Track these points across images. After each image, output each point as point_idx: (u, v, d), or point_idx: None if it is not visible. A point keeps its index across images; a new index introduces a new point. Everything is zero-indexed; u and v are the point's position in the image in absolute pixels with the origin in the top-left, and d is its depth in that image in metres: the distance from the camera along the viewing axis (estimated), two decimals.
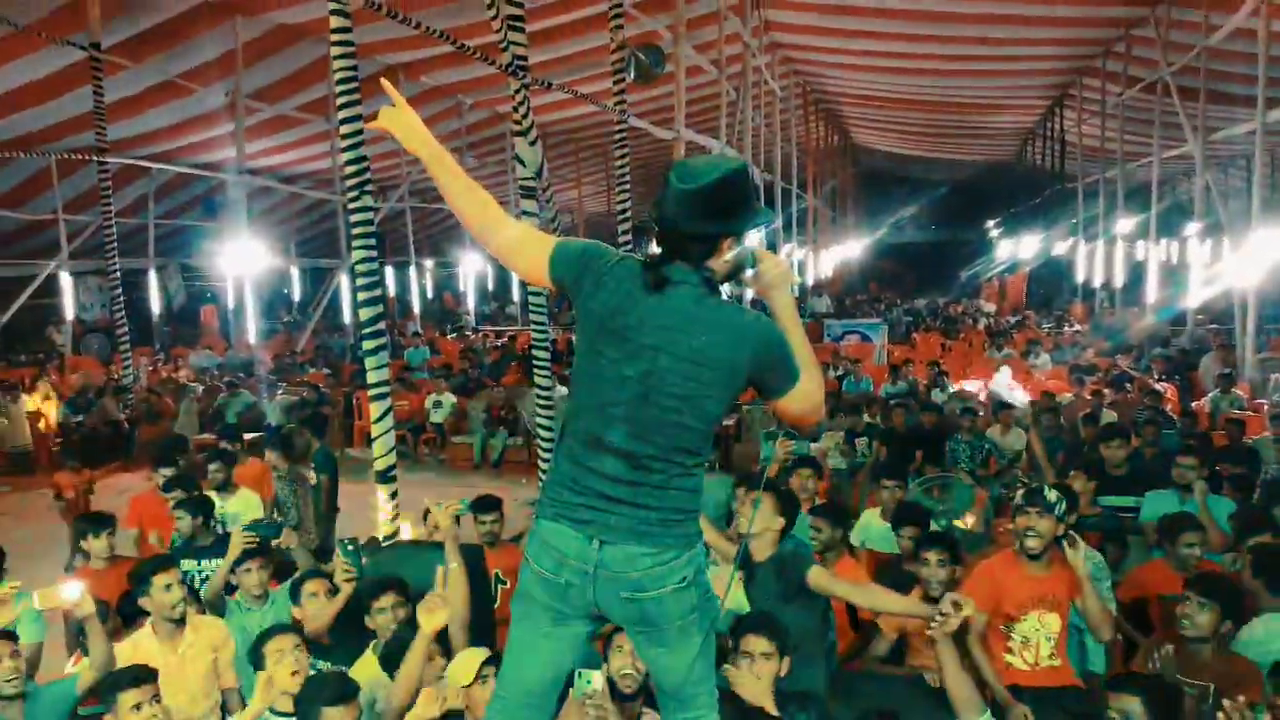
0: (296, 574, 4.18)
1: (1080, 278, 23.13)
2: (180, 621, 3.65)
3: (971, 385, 11.86)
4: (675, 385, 1.91)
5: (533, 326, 6.97)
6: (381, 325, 4.96)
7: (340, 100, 4.81)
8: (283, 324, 20.50)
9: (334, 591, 3.84)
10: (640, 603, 1.94)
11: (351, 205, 4.92)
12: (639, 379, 1.91)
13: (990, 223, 33.58)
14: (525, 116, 6.69)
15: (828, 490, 6.51)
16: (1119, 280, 20.32)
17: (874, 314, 21.01)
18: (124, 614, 3.97)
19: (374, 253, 4.95)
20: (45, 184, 14.95)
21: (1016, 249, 28.22)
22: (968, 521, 5.07)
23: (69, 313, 17.85)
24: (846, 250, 32.79)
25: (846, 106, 24.84)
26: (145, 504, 5.73)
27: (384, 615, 3.61)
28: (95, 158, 11.17)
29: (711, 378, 1.93)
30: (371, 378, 4.91)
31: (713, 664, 2.18)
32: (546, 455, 6.78)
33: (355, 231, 4.95)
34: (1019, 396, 10.44)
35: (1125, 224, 18.98)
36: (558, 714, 2.18)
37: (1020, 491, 3.71)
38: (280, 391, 12.13)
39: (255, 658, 3.29)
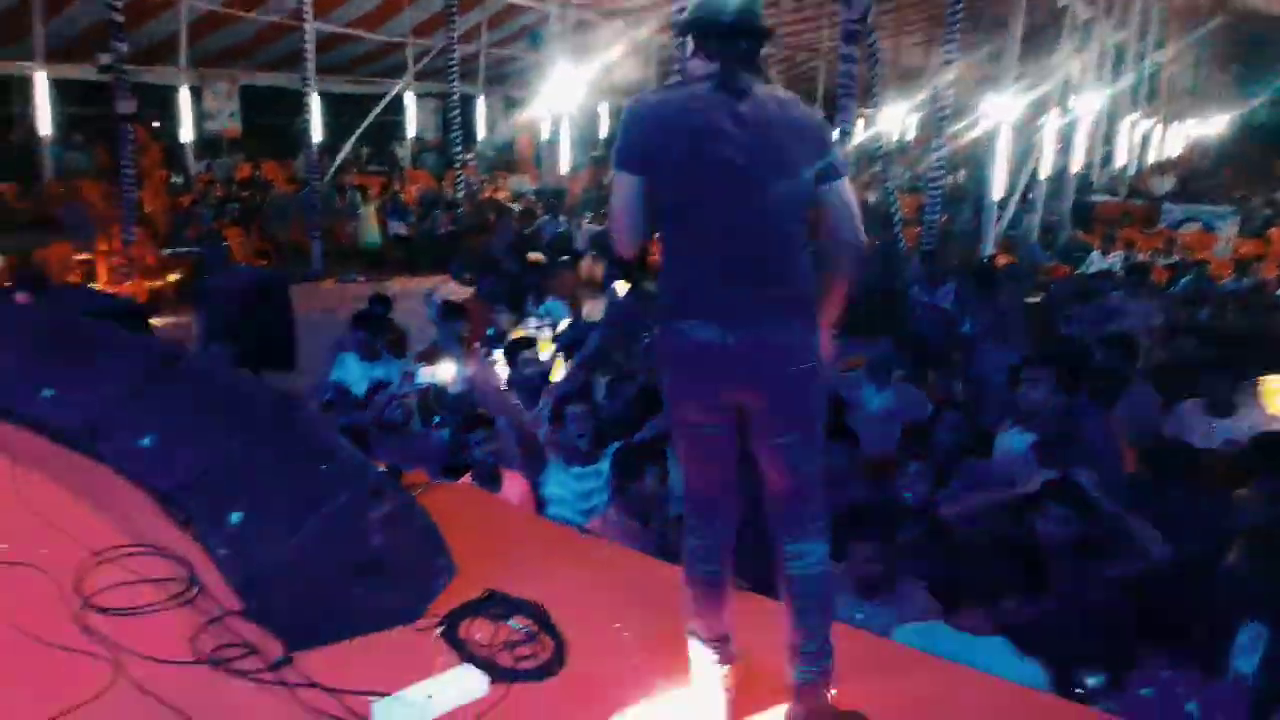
0: None
1: None
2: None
3: None
4: (775, 166, 1.99)
5: None
6: None
7: None
8: (592, 159, 21.43)
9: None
10: (783, 380, 2.01)
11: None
12: (743, 172, 1.98)
13: None
14: None
15: None
16: None
17: (1225, 201, 18.35)
18: None
19: None
20: (396, 7, 16.25)
21: None
22: None
23: (410, 130, 19.74)
24: (1206, 126, 28.51)
25: None
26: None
27: None
28: None
29: (802, 151, 2.02)
30: None
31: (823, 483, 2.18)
32: None
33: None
34: None
35: None
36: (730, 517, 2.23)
37: None
38: (588, 220, 13.13)
39: None
